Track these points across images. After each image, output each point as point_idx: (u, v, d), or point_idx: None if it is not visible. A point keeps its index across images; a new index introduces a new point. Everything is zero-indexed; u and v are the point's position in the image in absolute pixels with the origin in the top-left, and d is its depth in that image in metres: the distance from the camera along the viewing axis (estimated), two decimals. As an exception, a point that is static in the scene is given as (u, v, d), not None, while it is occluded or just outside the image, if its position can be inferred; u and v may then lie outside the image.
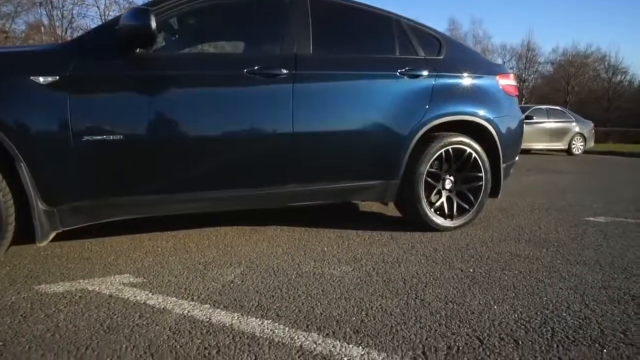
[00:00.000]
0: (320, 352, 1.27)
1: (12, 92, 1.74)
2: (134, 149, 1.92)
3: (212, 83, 2.06)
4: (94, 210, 1.93)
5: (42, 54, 1.89)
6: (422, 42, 2.67)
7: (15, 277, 1.83)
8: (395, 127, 2.43)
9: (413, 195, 2.52)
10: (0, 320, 1.45)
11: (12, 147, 1.72)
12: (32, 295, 1.66)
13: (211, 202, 2.16)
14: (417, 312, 1.54)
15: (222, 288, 1.75)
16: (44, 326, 1.41)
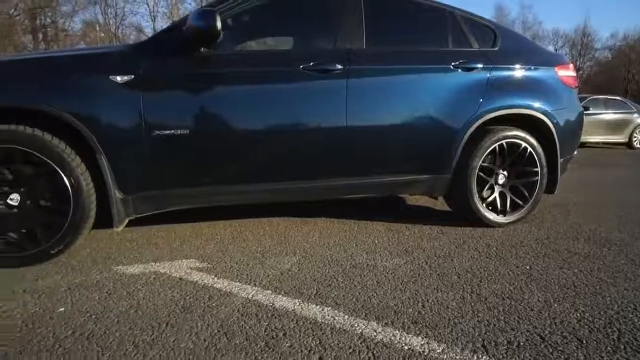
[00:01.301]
0: (381, 340, 1.33)
1: (94, 91, 1.90)
2: (199, 143, 2.04)
3: (270, 79, 2.14)
4: (163, 199, 2.08)
5: (119, 54, 2.05)
6: (477, 33, 2.61)
7: (96, 259, 2.03)
8: (448, 121, 2.41)
9: (465, 190, 2.50)
10: (90, 296, 1.62)
11: (94, 141, 1.89)
12: (112, 275, 1.83)
13: (267, 193, 2.26)
14: (474, 307, 1.55)
15: (281, 275, 1.84)
16: (127, 303, 1.57)
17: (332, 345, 1.30)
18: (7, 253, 1.86)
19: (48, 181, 1.88)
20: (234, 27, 2.18)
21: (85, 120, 1.87)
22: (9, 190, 1.86)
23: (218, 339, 1.33)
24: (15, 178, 1.87)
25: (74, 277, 1.80)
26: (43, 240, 1.88)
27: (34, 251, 1.88)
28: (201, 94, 2.06)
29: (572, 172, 5.15)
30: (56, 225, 1.89)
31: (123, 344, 1.29)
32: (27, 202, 1.89)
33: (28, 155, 1.83)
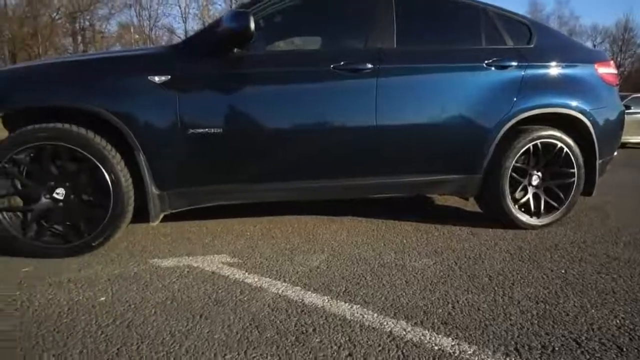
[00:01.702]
0: (411, 339, 1.33)
1: (134, 90, 1.99)
2: (231, 141, 2.10)
3: (300, 79, 2.17)
4: (197, 195, 2.15)
5: (157, 55, 2.14)
6: (511, 30, 2.55)
7: (133, 251, 2.12)
8: (480, 120, 2.36)
9: (496, 191, 2.44)
10: (129, 287, 1.70)
11: (133, 139, 1.97)
12: (148, 268, 1.91)
13: (297, 191, 2.29)
14: (506, 310, 1.53)
15: (310, 272, 1.86)
16: (163, 294, 1.63)
17: (362, 342, 1.31)
18: (53, 244, 1.98)
19: (90, 177, 1.98)
20: (266, 27, 2.21)
21: (124, 118, 1.96)
22: (55, 185, 1.97)
23: (250, 332, 1.37)
24: (60, 174, 1.98)
25: (113, 269, 1.89)
26: (85, 232, 1.99)
27: (77, 243, 1.98)
28: (234, 94, 2.11)
29: (611, 174, 4.92)
30: (97, 219, 1.99)
31: (160, 333, 1.35)
32: (71, 196, 1.99)
33: (73, 152, 1.94)
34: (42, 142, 1.89)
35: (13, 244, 1.94)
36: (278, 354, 1.25)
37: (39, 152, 1.92)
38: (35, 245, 1.95)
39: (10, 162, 1.88)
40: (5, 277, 1.78)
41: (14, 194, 1.95)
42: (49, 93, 1.95)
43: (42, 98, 1.94)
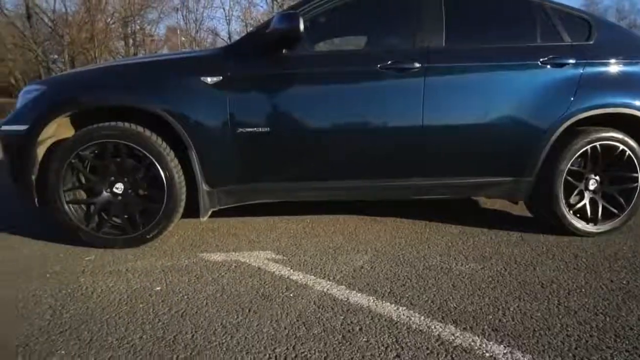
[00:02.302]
0: (460, 345, 1.30)
1: (188, 91, 2.08)
2: (278, 141, 2.14)
3: (347, 79, 2.18)
4: (244, 193, 2.21)
5: (209, 57, 2.22)
6: (568, 26, 2.41)
7: (183, 245, 2.21)
8: (533, 121, 2.26)
9: (549, 195, 2.33)
10: (181, 279, 1.78)
11: (186, 137, 2.06)
12: (198, 261, 1.99)
13: (341, 191, 2.30)
14: (562, 320, 1.46)
15: (354, 272, 1.87)
16: (213, 287, 1.70)
17: (409, 344, 1.30)
18: (112, 235, 2.11)
19: (146, 173, 2.09)
20: (314, 28, 2.23)
21: (179, 117, 2.05)
22: (115, 180, 2.10)
23: (297, 327, 1.39)
24: (120, 170, 2.11)
25: (166, 261, 1.99)
26: (141, 225, 2.10)
27: (134, 235, 2.10)
28: (281, 94, 2.16)
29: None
30: (152, 213, 2.10)
31: (212, 324, 1.41)
32: (129, 191, 2.12)
33: (131, 149, 2.05)
34: (105, 139, 2.03)
35: (77, 234, 2.09)
36: (326, 350, 1.26)
37: (102, 149, 2.05)
38: (96, 236, 2.09)
39: (76, 158, 2.03)
40: (71, 265, 1.92)
41: (79, 187, 2.10)
42: (113, 94, 2.08)
43: (107, 98, 2.07)
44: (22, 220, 2.58)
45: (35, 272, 1.83)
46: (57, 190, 2.03)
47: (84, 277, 1.80)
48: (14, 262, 1.96)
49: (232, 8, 27.45)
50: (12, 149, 2.05)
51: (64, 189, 2.04)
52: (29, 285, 1.71)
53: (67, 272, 1.85)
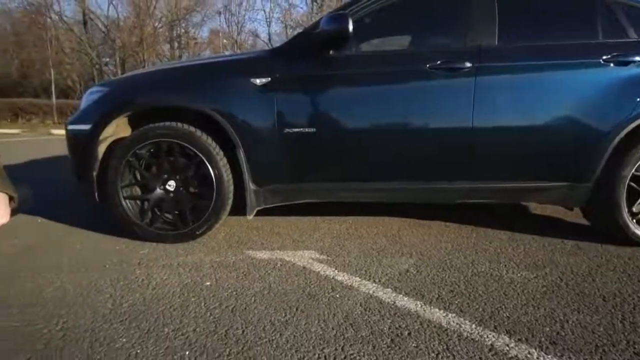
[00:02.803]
0: (516, 356, 1.25)
1: (237, 91, 2.14)
2: (324, 141, 2.15)
3: (395, 79, 2.15)
4: (290, 192, 2.24)
5: (259, 59, 2.27)
6: (635, 20, 2.25)
7: (230, 242, 2.28)
8: (593, 123, 2.14)
9: (610, 202, 2.19)
10: (229, 275, 1.83)
11: (235, 136, 2.12)
12: (245, 258, 2.04)
13: (385, 192, 2.28)
14: (628, 337, 1.36)
15: (400, 275, 1.84)
16: (260, 285, 1.73)
17: (461, 352, 1.26)
18: (164, 230, 2.20)
19: (197, 171, 2.17)
20: (361, 28, 2.22)
21: (228, 117, 2.12)
22: (167, 177, 2.20)
23: (345, 329, 1.39)
24: (172, 168, 2.20)
25: (214, 257, 2.05)
26: (191, 221, 2.18)
27: (185, 230, 2.19)
28: (328, 95, 2.17)
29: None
30: (202, 210, 2.18)
31: (261, 321, 1.44)
32: (180, 188, 2.21)
33: (183, 148, 2.14)
34: (160, 139, 2.12)
35: (133, 229, 2.20)
36: (375, 354, 1.25)
37: (157, 148, 2.15)
38: (150, 230, 2.19)
39: (133, 156, 2.14)
40: (127, 257, 2.03)
41: (135, 184, 2.21)
42: (167, 95, 2.17)
43: (161, 99, 2.17)
44: (82, 214, 2.76)
45: (95, 263, 1.95)
46: (115, 187, 2.15)
47: (140, 269, 1.89)
48: (76, 253, 2.09)
49: (272, 10, 27.93)
50: (77, 147, 2.19)
51: (122, 185, 2.16)
52: (90, 275, 1.82)
53: (124, 263, 1.95)
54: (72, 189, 2.53)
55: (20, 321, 1.41)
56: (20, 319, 1.43)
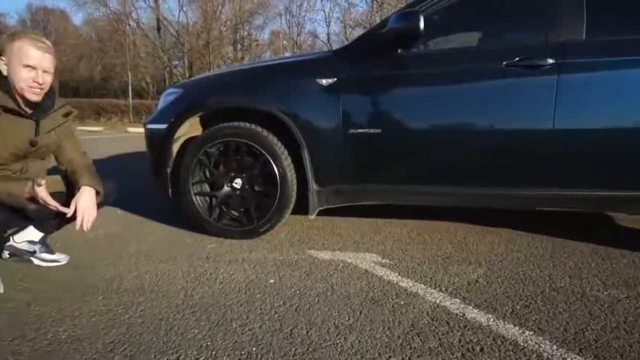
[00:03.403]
0: (608, 385, 1.12)
1: (304, 92, 2.15)
2: (390, 142, 2.10)
3: (467, 78, 2.05)
4: (353, 193, 2.22)
5: (324, 59, 2.27)
6: None
7: (292, 241, 2.30)
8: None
9: None
10: (292, 274, 1.85)
11: (300, 136, 2.14)
12: (307, 257, 2.05)
13: (451, 197, 2.17)
14: None
15: (468, 286, 1.74)
16: (323, 285, 1.73)
17: (541, 375, 1.16)
18: (231, 227, 2.28)
19: (262, 170, 2.22)
20: (431, 25, 2.13)
21: (294, 118, 2.14)
22: (234, 175, 2.27)
23: (411, 338, 1.34)
24: (239, 166, 2.27)
25: (277, 255, 2.09)
26: (255, 219, 2.24)
27: (249, 227, 2.25)
28: (395, 95, 2.11)
29: None
30: (266, 208, 2.22)
31: (325, 322, 1.43)
32: (246, 186, 2.27)
33: (250, 147, 2.20)
34: (229, 138, 2.20)
35: (202, 224, 2.31)
36: (445, 368, 1.19)
37: (226, 147, 2.23)
38: (217, 226, 2.28)
39: (204, 155, 2.24)
40: (196, 251, 2.13)
41: (205, 181, 2.32)
42: (235, 96, 2.25)
43: (230, 100, 2.25)
44: (156, 207, 2.95)
45: (168, 255, 2.07)
46: (187, 183, 2.26)
47: (208, 263, 1.97)
48: (151, 244, 2.23)
49: (332, 10, 28.02)
50: (154, 145, 2.34)
51: (193, 182, 2.27)
52: (164, 266, 1.93)
53: (194, 257, 2.04)
54: (148, 184, 2.71)
55: (104, 306, 1.53)
56: (104, 304, 1.55)
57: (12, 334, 1.33)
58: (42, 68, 1.53)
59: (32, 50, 1.50)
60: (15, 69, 1.50)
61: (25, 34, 1.54)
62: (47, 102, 1.65)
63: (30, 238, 1.85)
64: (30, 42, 1.50)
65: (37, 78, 1.52)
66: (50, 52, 1.56)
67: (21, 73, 1.50)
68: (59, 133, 1.73)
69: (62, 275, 1.81)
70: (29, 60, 1.50)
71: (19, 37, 1.52)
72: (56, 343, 1.29)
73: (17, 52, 1.49)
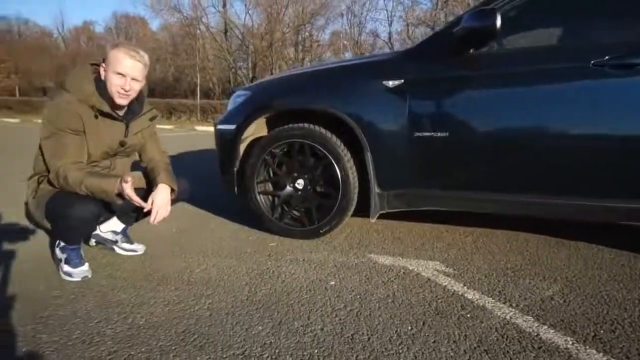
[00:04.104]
0: None
1: (369, 94, 2.13)
2: (457, 147, 2.01)
3: (547, 79, 1.90)
4: (415, 198, 2.16)
5: (391, 61, 2.23)
6: None
7: (351, 243, 2.29)
8: None
9: None
10: (352, 277, 1.84)
11: (363, 139, 2.12)
12: (367, 261, 2.03)
13: (525, 206, 2.02)
14: None
15: (542, 303, 1.62)
16: (384, 291, 1.70)
17: (631, 411, 1.04)
18: (292, 226, 2.33)
19: (324, 171, 2.24)
20: (507, 22, 2.01)
21: (358, 120, 2.12)
22: (297, 176, 2.31)
23: (479, 355, 1.27)
24: (302, 167, 2.30)
25: (337, 256, 2.09)
26: (316, 220, 2.26)
27: (309, 228, 2.28)
28: (465, 97, 2.02)
29: None
30: (327, 209, 2.24)
31: (387, 330, 1.40)
32: (308, 187, 2.30)
33: (313, 149, 2.22)
34: (293, 139, 2.24)
35: (264, 222, 2.38)
36: (517, 391, 1.11)
37: (290, 148, 2.28)
38: (279, 225, 2.34)
39: (269, 155, 2.30)
40: (259, 248, 2.20)
41: (268, 180, 2.38)
42: (302, 98, 2.28)
43: (297, 102, 2.29)
44: (222, 203, 3.09)
45: (233, 251, 2.16)
46: (252, 182, 2.34)
47: (270, 261, 2.02)
48: (217, 239, 2.34)
49: (394, 9, 27.53)
50: (223, 145, 2.45)
51: (257, 181, 2.35)
52: (229, 261, 2.02)
53: (257, 254, 2.11)
54: (215, 181, 2.84)
55: (176, 296, 1.63)
56: (176, 295, 1.65)
57: (99, 316, 1.47)
58: (132, 76, 1.67)
59: (125, 59, 1.64)
60: (109, 74, 1.66)
61: (123, 45, 1.69)
62: (136, 106, 1.81)
63: (114, 228, 2.03)
64: (125, 51, 1.65)
65: (124, 85, 1.66)
66: (142, 62, 1.69)
67: (113, 79, 1.65)
68: (144, 134, 1.88)
69: (139, 264, 1.96)
70: (121, 68, 1.64)
71: (117, 47, 1.67)
72: (135, 328, 1.40)
73: (113, 60, 1.64)
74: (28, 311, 1.49)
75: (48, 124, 1.63)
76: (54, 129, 1.62)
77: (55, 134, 1.62)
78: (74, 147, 1.64)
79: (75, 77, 1.70)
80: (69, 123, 1.62)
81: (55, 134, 1.62)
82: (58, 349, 1.27)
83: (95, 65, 1.73)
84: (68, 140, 1.63)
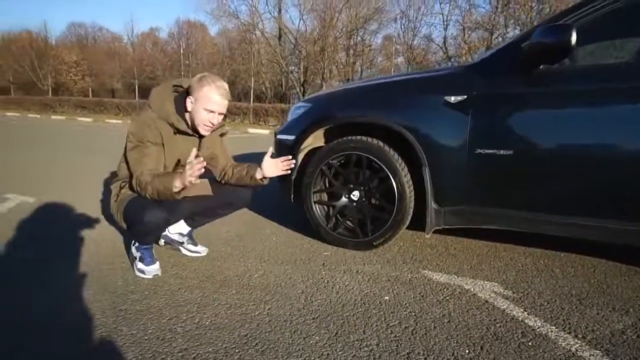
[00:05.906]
0: None
1: (430, 109, 2.12)
2: (521, 165, 1.94)
3: (623, 99, 1.78)
4: (472, 215, 2.11)
5: (454, 76, 2.20)
6: None
7: (404, 257, 2.29)
8: None
9: None
10: (407, 293, 1.84)
11: (422, 153, 2.11)
12: (421, 277, 2.02)
13: (595, 230, 1.91)
14: None
15: (612, 337, 1.53)
16: (439, 311, 1.68)
17: None
18: (345, 237, 2.37)
19: (380, 184, 2.25)
20: (582, 37, 1.92)
21: (417, 134, 2.12)
22: (353, 187, 2.35)
23: (542, 387, 1.23)
24: (357, 179, 2.33)
25: (390, 270, 2.09)
26: (370, 232, 2.28)
27: (363, 240, 2.30)
28: (533, 115, 1.95)
29: None
30: (381, 222, 2.25)
31: (444, 352, 1.39)
32: (363, 199, 2.33)
33: (370, 162, 2.24)
34: (351, 151, 2.28)
35: (318, 231, 2.43)
36: None
37: (347, 159, 2.31)
38: (333, 235, 2.38)
39: (326, 165, 2.36)
40: (313, 257, 2.25)
41: (324, 191, 2.44)
42: (362, 111, 2.31)
43: (358, 115, 2.32)
44: (278, 210, 3.20)
45: (288, 257, 2.23)
46: (308, 191, 2.41)
47: (324, 270, 2.07)
48: (273, 245, 2.43)
49: (451, 12, 26.74)
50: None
51: (314, 190, 2.41)
52: (285, 267, 2.09)
53: (311, 262, 2.17)
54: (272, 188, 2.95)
55: (237, 300, 1.73)
56: (237, 298, 1.74)
57: (169, 314, 1.59)
58: (219, 112, 1.83)
59: (215, 96, 1.79)
60: (198, 109, 1.81)
61: (212, 80, 1.81)
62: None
63: (181, 230, 2.18)
64: (216, 90, 1.79)
65: (212, 119, 1.83)
66: (228, 97, 1.85)
67: (202, 114, 1.81)
68: (215, 148, 2.02)
69: (203, 265, 2.09)
70: (210, 105, 1.79)
71: (207, 83, 1.79)
72: (202, 328, 1.50)
73: (203, 97, 1.79)
74: (108, 304, 1.65)
75: (132, 136, 1.80)
76: (137, 142, 1.78)
77: (138, 146, 1.78)
78: (152, 157, 1.79)
79: (158, 96, 1.85)
80: (149, 136, 1.77)
81: (139, 146, 1.78)
82: (137, 342, 1.40)
83: (176, 87, 1.87)
84: (148, 151, 1.78)
